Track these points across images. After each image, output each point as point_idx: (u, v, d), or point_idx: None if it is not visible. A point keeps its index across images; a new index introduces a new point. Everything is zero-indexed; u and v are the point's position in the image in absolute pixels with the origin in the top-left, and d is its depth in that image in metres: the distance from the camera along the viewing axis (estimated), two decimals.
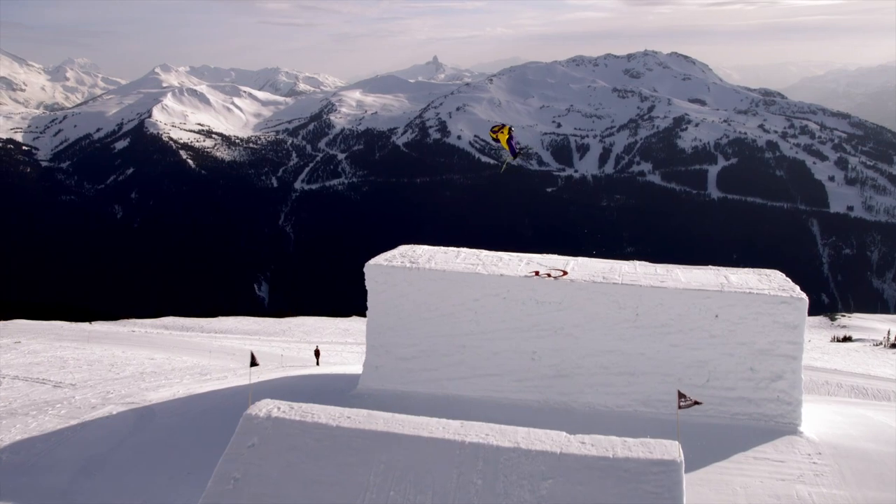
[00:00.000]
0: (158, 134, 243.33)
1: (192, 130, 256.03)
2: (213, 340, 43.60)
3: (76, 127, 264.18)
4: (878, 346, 44.30)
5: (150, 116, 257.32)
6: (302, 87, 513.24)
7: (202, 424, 10.19)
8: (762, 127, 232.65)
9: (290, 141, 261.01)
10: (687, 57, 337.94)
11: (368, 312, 11.44)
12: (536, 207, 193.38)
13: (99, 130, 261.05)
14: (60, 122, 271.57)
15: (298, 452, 6.41)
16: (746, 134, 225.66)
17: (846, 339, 50.75)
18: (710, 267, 11.99)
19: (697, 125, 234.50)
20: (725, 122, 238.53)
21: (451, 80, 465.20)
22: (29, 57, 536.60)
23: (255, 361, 8.19)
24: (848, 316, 75.45)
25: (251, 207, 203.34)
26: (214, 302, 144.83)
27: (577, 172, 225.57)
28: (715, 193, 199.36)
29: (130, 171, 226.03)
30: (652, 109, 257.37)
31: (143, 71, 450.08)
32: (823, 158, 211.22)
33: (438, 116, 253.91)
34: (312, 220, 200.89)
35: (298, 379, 13.58)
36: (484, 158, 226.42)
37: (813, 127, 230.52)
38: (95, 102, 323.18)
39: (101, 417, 10.92)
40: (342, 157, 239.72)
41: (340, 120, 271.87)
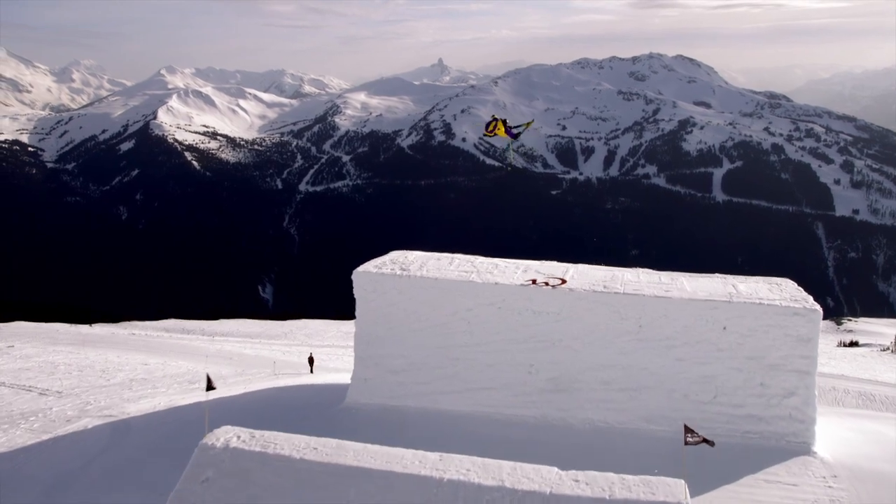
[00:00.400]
0: (164, 135, 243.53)
1: (197, 132, 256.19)
2: (211, 344, 43.11)
3: (82, 128, 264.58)
4: (885, 351, 43.53)
5: (155, 118, 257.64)
6: (307, 89, 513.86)
7: (177, 441, 9.62)
8: (767, 130, 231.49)
9: (294, 143, 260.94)
10: (692, 60, 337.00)
11: (357, 322, 10.88)
12: (541, 210, 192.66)
13: (104, 132, 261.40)
14: (66, 123, 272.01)
15: (257, 488, 5.76)
16: (752, 137, 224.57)
17: (853, 343, 49.95)
18: (716, 275, 11.38)
19: (702, 128, 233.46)
20: (731, 124, 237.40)
21: (455, 82, 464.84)
22: (35, 58, 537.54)
23: (211, 385, 7.64)
24: (854, 320, 74.63)
25: (256, 209, 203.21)
26: (219, 303, 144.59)
27: (581, 175, 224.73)
28: (720, 196, 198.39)
29: (135, 172, 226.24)
30: (657, 112, 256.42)
31: (148, 72, 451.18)
32: (829, 161, 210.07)
33: (443, 119, 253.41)
34: (317, 221, 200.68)
35: (285, 390, 13.02)
36: (488, 161, 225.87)
37: (818, 130, 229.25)
38: (101, 104, 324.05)
39: (74, 432, 10.37)
40: (347, 159, 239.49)
41: (345, 122, 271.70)
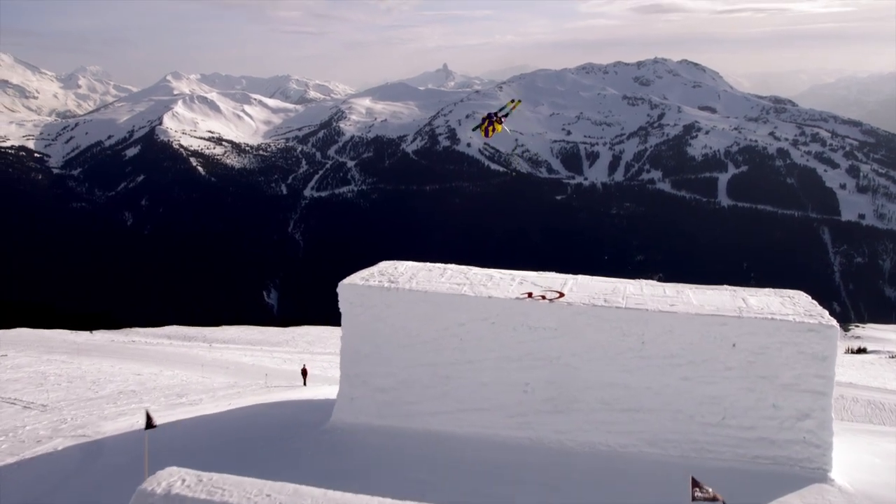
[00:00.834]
0: (169, 141, 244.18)
1: (202, 138, 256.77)
2: (209, 352, 42.65)
3: (87, 134, 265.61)
4: (893, 358, 42.68)
5: (160, 124, 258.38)
6: (312, 94, 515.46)
7: (149, 467, 9.03)
8: (773, 134, 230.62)
9: (299, 148, 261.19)
10: (697, 64, 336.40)
11: (342, 338, 10.26)
12: (546, 215, 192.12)
13: (110, 138, 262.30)
14: (72, 129, 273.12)
15: None
16: (757, 141, 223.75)
17: (861, 350, 49.11)
18: (725, 287, 10.72)
19: (707, 133, 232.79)
20: (736, 129, 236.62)
21: (460, 87, 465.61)
22: (42, 65, 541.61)
23: (150, 423, 7.05)
24: (862, 326, 73.66)
25: (261, 214, 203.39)
26: (223, 309, 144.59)
27: (586, 180, 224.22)
28: (725, 201, 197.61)
29: (141, 178, 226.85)
30: (662, 117, 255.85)
31: (154, 78, 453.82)
32: (834, 166, 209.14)
33: (448, 124, 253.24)
34: (322, 227, 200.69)
35: (271, 407, 12.42)
36: (493, 166, 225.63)
37: (824, 134, 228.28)
38: (107, 110, 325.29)
39: (43, 454, 9.79)
40: (352, 164, 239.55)
41: (350, 127, 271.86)
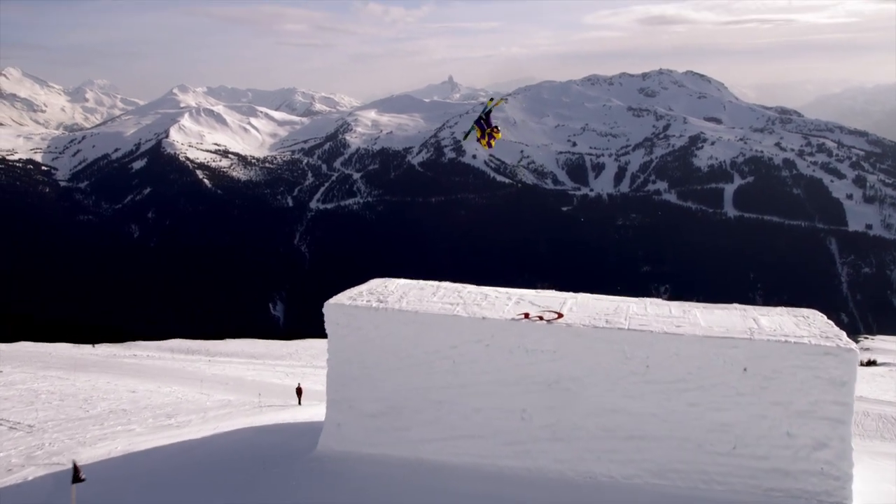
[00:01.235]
0: (175, 154, 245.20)
1: (208, 150, 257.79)
2: (211, 366, 42.15)
3: (94, 147, 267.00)
4: None
5: (167, 136, 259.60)
6: (318, 107, 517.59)
7: (125, 499, 8.50)
8: (779, 145, 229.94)
9: (305, 160, 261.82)
10: (702, 75, 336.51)
11: (329, 360, 9.72)
12: (552, 226, 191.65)
13: (117, 150, 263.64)
14: (79, 142, 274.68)
15: None
16: (763, 152, 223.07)
17: (871, 363, 48.33)
18: (734, 306, 10.12)
19: (713, 143, 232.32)
20: (741, 140, 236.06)
21: (466, 99, 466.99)
22: (50, 78, 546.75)
23: (77, 476, 6.49)
24: (871, 338, 72.70)
25: (267, 227, 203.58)
26: (230, 321, 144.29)
27: (592, 191, 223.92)
28: (731, 212, 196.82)
29: (147, 190, 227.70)
30: (667, 128, 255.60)
31: (161, 92, 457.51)
32: (841, 176, 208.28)
33: (453, 136, 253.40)
34: (328, 239, 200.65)
35: (259, 431, 11.87)
36: (499, 178, 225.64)
37: (830, 145, 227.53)
38: (114, 123, 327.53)
39: (11, 485, 9.25)
40: (357, 176, 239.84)
41: (356, 139, 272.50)
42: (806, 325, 9.25)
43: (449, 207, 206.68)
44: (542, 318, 9.15)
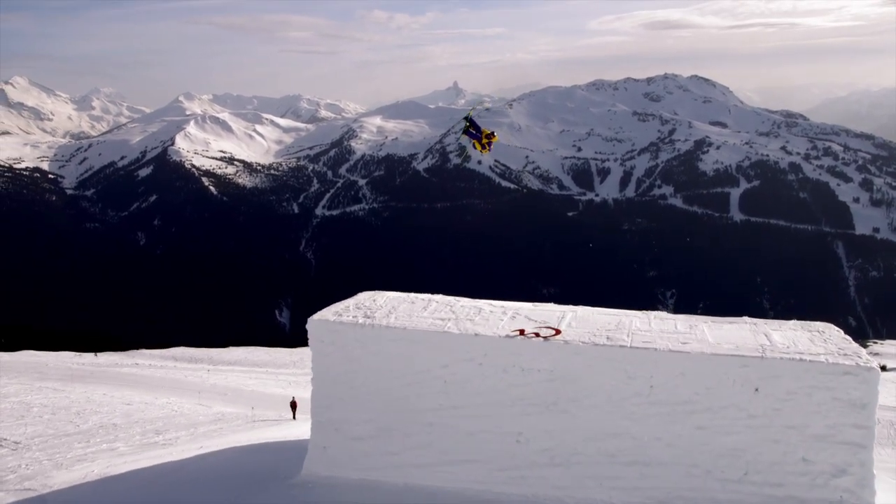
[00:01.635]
0: (181, 161, 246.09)
1: (214, 157, 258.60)
2: (211, 376, 41.69)
3: (101, 155, 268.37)
4: None
5: (173, 144, 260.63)
6: (323, 113, 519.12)
7: None
8: (784, 149, 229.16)
9: (311, 167, 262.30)
10: (707, 80, 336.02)
11: (313, 380, 9.15)
12: (557, 231, 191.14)
13: (123, 158, 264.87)
14: (86, 150, 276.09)
15: None
16: (769, 156, 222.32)
17: (881, 368, 47.54)
18: (744, 320, 9.50)
19: (719, 148, 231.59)
20: (747, 144, 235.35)
21: (471, 105, 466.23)
22: (57, 87, 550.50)
23: None
24: (880, 343, 71.65)
25: (272, 234, 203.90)
26: (235, 328, 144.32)
27: (597, 196, 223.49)
28: (737, 216, 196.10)
29: (153, 198, 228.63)
30: (673, 132, 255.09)
31: (167, 99, 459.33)
32: (847, 180, 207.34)
33: (459, 141, 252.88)
34: (333, 245, 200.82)
35: (243, 452, 11.31)
36: (504, 183, 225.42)
37: (836, 148, 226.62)
38: (120, 131, 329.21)
39: None
40: (363, 182, 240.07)
41: (361, 146, 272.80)
42: (821, 340, 8.62)
43: (454, 213, 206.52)
44: (538, 334, 8.58)
